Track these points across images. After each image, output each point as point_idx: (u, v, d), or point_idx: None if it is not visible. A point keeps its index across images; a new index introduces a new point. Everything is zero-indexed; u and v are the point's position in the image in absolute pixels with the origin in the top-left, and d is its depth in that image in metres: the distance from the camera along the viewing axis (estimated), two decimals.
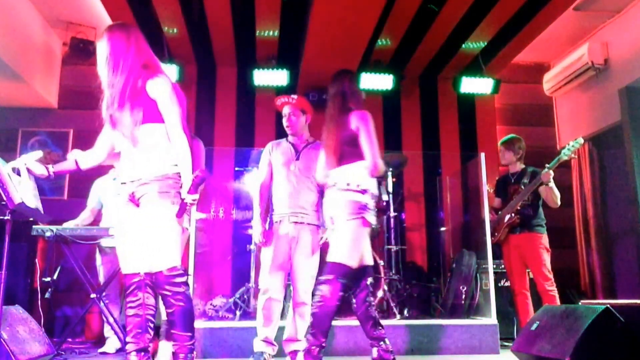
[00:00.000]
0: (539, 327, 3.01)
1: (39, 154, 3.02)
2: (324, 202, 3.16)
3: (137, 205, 2.45)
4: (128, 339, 2.42)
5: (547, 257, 4.05)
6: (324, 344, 2.83)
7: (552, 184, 4.01)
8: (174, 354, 2.42)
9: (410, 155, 6.11)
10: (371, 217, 2.95)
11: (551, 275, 4.01)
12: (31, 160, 2.77)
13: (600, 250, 5.66)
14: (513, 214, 4.14)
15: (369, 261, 3.09)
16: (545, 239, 4.10)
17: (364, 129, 2.92)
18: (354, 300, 3.02)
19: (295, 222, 3.41)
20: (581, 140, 4.02)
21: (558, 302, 3.96)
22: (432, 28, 5.44)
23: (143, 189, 2.43)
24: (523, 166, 4.32)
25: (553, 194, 4.04)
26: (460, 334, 4.05)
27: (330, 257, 2.95)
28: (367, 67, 5.98)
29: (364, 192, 2.94)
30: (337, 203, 2.97)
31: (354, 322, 4.17)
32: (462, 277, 5.05)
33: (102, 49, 2.52)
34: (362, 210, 2.92)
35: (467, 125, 6.57)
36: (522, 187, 4.16)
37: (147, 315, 2.42)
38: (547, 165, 4.00)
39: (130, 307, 2.42)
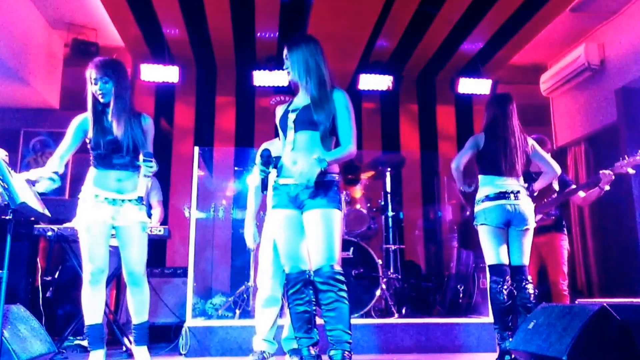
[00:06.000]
0: (536, 326, 3.04)
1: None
2: None
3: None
4: (299, 334, 2.57)
5: (566, 257, 4.10)
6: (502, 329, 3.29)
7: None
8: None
9: (408, 155, 6.15)
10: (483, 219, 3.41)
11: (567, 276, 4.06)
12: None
13: (596, 250, 5.70)
14: (545, 216, 4.08)
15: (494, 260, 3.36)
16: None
17: None
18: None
19: None
20: None
21: (568, 302, 3.97)
22: (430, 29, 5.48)
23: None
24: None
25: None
26: (458, 333, 4.08)
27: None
28: (365, 68, 6.02)
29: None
30: None
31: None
32: (460, 276, 5.09)
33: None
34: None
35: (464, 126, 6.60)
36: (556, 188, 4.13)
37: (313, 310, 2.60)
38: (610, 169, 3.97)
39: (298, 305, 2.57)
